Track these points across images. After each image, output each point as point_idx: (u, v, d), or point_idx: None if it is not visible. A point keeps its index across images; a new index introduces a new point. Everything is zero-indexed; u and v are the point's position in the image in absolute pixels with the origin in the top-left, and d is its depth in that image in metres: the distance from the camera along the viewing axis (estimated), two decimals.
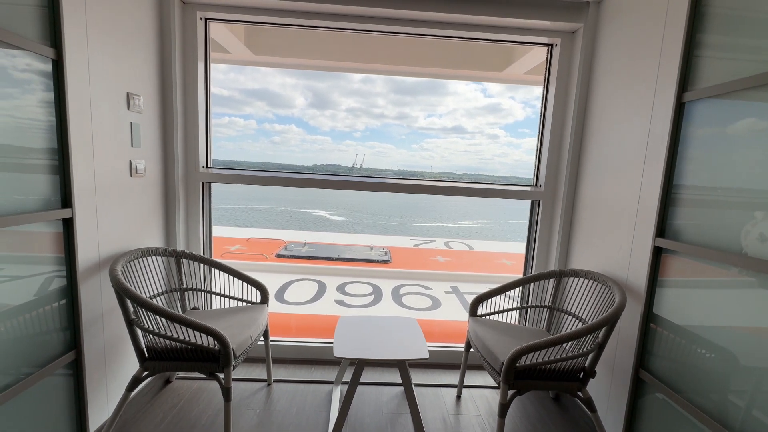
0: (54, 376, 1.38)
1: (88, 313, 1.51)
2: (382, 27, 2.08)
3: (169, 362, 1.52)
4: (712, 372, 1.25)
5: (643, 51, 1.60)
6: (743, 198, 1.16)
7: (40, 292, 1.31)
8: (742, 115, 1.18)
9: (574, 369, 1.54)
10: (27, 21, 1.21)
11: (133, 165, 1.74)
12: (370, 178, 2.27)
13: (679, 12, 1.41)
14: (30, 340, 1.28)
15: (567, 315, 1.94)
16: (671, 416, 1.40)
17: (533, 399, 2.04)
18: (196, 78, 2.07)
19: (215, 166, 2.23)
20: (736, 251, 1.17)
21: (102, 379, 1.62)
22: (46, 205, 1.31)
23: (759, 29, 1.15)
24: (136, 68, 1.74)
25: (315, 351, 2.33)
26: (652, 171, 1.51)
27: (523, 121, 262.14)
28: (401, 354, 1.58)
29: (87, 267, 1.49)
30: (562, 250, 2.18)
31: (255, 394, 1.96)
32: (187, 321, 1.43)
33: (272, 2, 1.95)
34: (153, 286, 1.83)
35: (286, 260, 6.61)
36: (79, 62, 1.39)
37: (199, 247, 2.21)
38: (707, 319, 1.28)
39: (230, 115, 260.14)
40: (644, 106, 1.58)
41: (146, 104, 1.83)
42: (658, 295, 1.50)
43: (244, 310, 1.90)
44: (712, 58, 1.31)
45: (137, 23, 1.73)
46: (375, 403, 1.93)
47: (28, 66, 1.21)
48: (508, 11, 1.97)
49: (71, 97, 1.35)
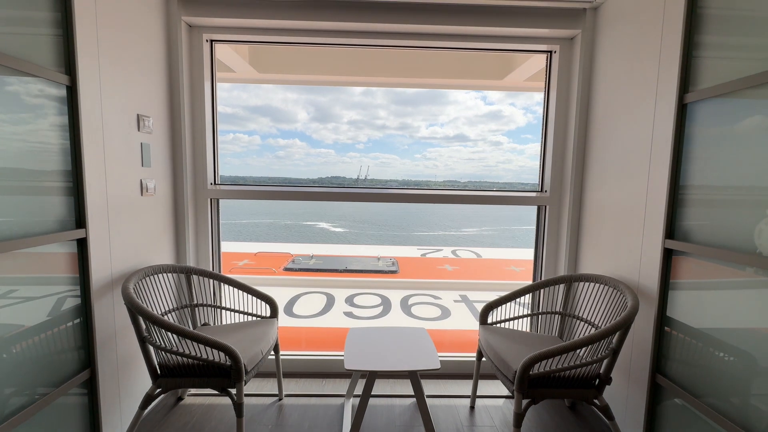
0: (69, 395, 1.40)
1: (102, 332, 1.53)
2: (383, 41, 2.12)
3: (181, 379, 1.53)
4: (732, 375, 1.22)
5: (642, 54, 1.62)
6: (754, 196, 1.15)
7: (55, 312, 1.33)
8: (747, 114, 1.18)
9: (589, 376, 1.51)
10: (43, 49, 1.26)
11: (143, 184, 1.78)
12: (375, 189, 2.28)
13: (675, 15, 1.43)
14: (45, 360, 1.30)
15: (579, 320, 1.91)
16: (691, 422, 1.36)
17: (549, 408, 2.00)
18: (203, 98, 2.12)
19: (222, 183, 2.27)
20: (749, 250, 1.15)
21: (115, 397, 1.63)
22: (61, 226, 1.34)
23: (755, 28, 1.16)
24: (145, 91, 1.79)
25: (326, 364, 2.32)
26: (658, 172, 1.51)
27: (525, 127, 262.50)
28: (412, 365, 1.57)
29: (100, 286, 1.52)
30: (570, 254, 2.16)
31: (267, 409, 1.95)
32: (198, 337, 1.44)
33: (274, 22, 2.01)
34: (164, 303, 1.85)
35: (294, 273, 6.63)
36: (92, 87, 1.44)
37: (209, 263, 2.24)
38: (723, 321, 1.26)
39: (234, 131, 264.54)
40: (646, 108, 1.59)
41: (156, 125, 1.88)
42: (671, 298, 1.48)
43: (254, 325, 1.91)
44: (711, 58, 1.32)
45: (146, 48, 1.79)
46: (387, 416, 1.91)
47: (41, 92, 1.26)
48: (506, 21, 2.01)
49: (84, 121, 1.40)
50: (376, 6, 1.98)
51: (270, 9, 1.97)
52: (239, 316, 2.04)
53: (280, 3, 1.97)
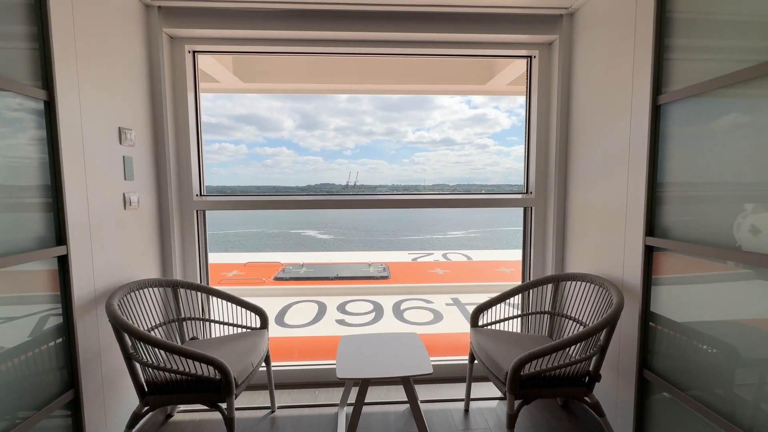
0: (52, 417, 1.35)
1: (86, 350, 1.49)
2: (367, 50, 2.14)
3: (169, 395, 1.50)
4: (716, 367, 1.25)
5: (617, 58, 1.67)
6: (730, 192, 1.19)
7: (36, 331, 1.30)
8: (719, 113, 1.23)
9: (579, 374, 1.53)
10: (18, 64, 1.24)
11: (126, 198, 1.75)
12: (363, 196, 2.29)
13: (646, 19, 1.48)
14: (26, 381, 1.25)
15: (567, 319, 1.94)
16: (680, 415, 1.39)
17: (542, 408, 2.02)
18: (186, 109, 2.10)
19: (209, 194, 2.25)
20: (729, 244, 1.19)
21: (101, 417, 1.58)
22: (40, 243, 1.31)
23: (722, 30, 1.22)
24: (127, 103, 1.77)
25: (318, 374, 2.30)
26: (636, 172, 1.55)
27: (509, 129, 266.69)
28: (405, 371, 1.56)
29: (83, 303, 1.48)
30: (557, 254, 2.20)
31: (259, 422, 1.91)
32: (186, 351, 1.41)
33: (257, 32, 2.01)
34: (151, 319, 1.81)
35: (285, 283, 6.55)
36: (71, 101, 1.42)
37: (196, 276, 2.20)
38: (705, 314, 1.29)
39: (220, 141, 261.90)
40: (623, 110, 1.64)
41: (138, 137, 1.85)
42: (654, 294, 1.51)
43: (244, 337, 1.88)
44: (682, 60, 1.37)
45: (127, 60, 1.77)
46: (382, 424, 1.89)
47: (19, 106, 1.24)
48: (486, 28, 2.05)
49: (64, 136, 1.37)
50: (360, 15, 2.00)
51: (252, 19, 1.97)
52: (228, 328, 2.01)
53: (262, 13, 1.98)
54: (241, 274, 7.28)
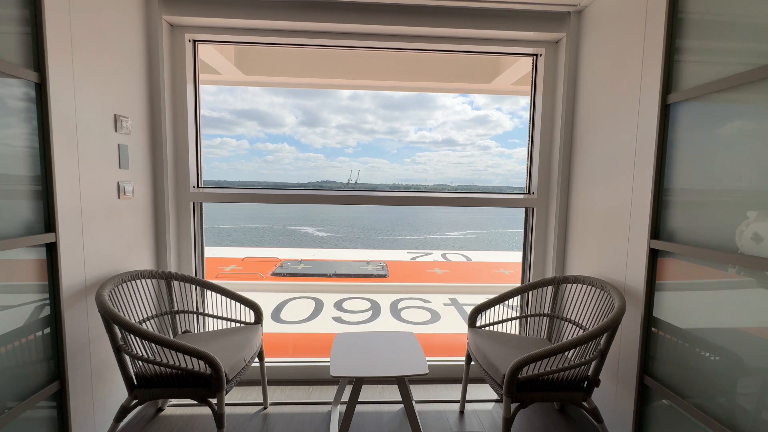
0: (36, 408, 1.32)
1: (74, 341, 1.46)
2: (370, 43, 2.10)
3: (158, 389, 1.46)
4: (718, 375, 1.22)
5: (626, 57, 1.63)
6: (735, 198, 1.16)
7: (21, 321, 1.26)
8: (729, 117, 1.19)
9: (577, 378, 1.50)
10: (9, 46, 1.20)
11: (121, 187, 1.71)
12: (363, 192, 2.25)
13: (657, 19, 1.45)
14: (10, 372, 1.22)
15: (567, 322, 1.91)
16: (679, 423, 1.36)
17: (539, 412, 1.98)
18: (185, 99, 2.07)
19: (206, 186, 2.21)
20: (732, 251, 1.16)
21: (89, 409, 1.55)
22: (27, 230, 1.27)
23: (734, 32, 1.18)
24: (124, 90, 1.73)
25: (312, 371, 2.26)
26: (643, 173, 1.52)
27: (512, 131, 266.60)
28: (400, 370, 1.53)
29: (72, 293, 1.45)
30: (558, 256, 2.16)
31: (250, 419, 1.88)
32: (176, 345, 1.38)
33: (259, 22, 1.97)
34: (142, 311, 1.77)
35: (282, 278, 6.53)
36: (64, 85, 1.38)
37: (191, 268, 2.17)
38: (709, 321, 1.26)
39: (222, 135, 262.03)
40: (630, 110, 1.60)
41: (135, 126, 1.82)
42: (657, 299, 1.48)
43: (237, 332, 1.85)
44: (692, 62, 1.33)
45: (125, 46, 1.73)
46: (375, 424, 1.86)
47: (9, 90, 1.20)
48: (492, 23, 2.01)
49: (56, 121, 1.34)
50: (363, 7, 1.96)
51: (254, 9, 1.94)
52: (222, 322, 1.98)
53: (264, 3, 1.94)
54: (239, 269, 7.26)
